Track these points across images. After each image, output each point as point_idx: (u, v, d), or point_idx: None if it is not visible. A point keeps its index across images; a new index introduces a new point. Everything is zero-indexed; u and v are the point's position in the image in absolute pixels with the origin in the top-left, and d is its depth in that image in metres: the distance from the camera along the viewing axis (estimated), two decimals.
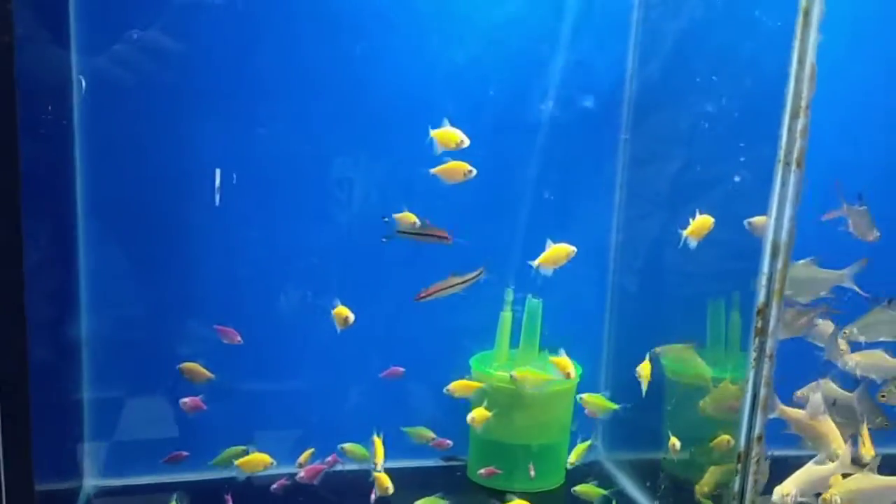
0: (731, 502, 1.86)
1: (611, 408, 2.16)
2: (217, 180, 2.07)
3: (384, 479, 1.93)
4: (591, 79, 2.37)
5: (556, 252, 1.94)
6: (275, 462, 1.99)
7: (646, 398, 2.07)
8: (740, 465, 1.84)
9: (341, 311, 1.89)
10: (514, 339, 2.35)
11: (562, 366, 2.11)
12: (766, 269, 1.77)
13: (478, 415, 2.08)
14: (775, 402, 1.92)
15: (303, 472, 1.93)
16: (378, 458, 1.94)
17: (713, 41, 2.16)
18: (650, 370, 2.05)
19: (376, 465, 1.94)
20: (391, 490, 1.93)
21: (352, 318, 1.88)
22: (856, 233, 2.01)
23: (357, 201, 2.25)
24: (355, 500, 2.04)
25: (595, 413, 2.18)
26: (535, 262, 1.94)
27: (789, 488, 1.82)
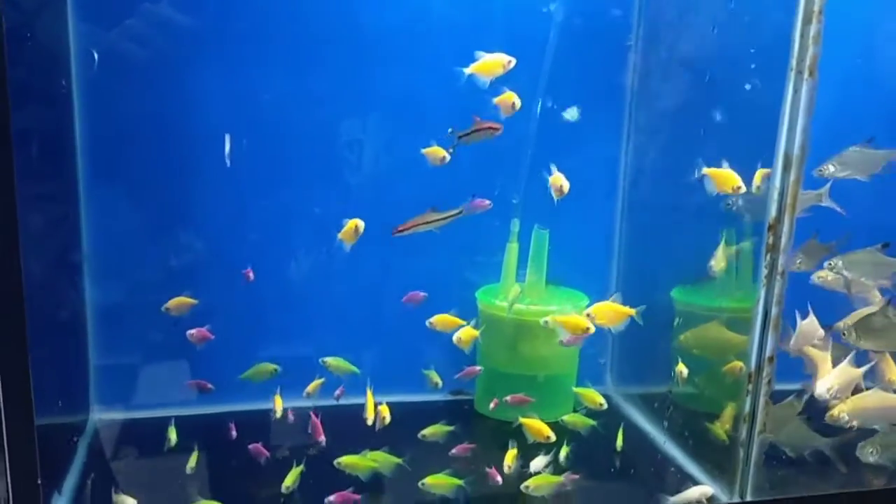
0: (742, 423, 1.84)
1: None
2: (227, 145, 2.03)
3: (383, 409, 1.92)
4: None
5: (493, 62, 1.81)
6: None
7: (655, 331, 2.02)
8: (751, 386, 1.82)
9: (351, 224, 1.84)
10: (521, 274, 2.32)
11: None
12: (777, 183, 1.71)
13: (464, 335, 2.02)
14: (788, 332, 1.93)
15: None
16: (369, 413, 1.92)
17: None
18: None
19: (367, 420, 1.92)
20: (388, 420, 1.92)
21: (362, 225, 1.84)
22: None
23: (367, 162, 2.25)
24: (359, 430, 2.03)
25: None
26: (468, 69, 1.80)
27: (833, 382, 1.91)
